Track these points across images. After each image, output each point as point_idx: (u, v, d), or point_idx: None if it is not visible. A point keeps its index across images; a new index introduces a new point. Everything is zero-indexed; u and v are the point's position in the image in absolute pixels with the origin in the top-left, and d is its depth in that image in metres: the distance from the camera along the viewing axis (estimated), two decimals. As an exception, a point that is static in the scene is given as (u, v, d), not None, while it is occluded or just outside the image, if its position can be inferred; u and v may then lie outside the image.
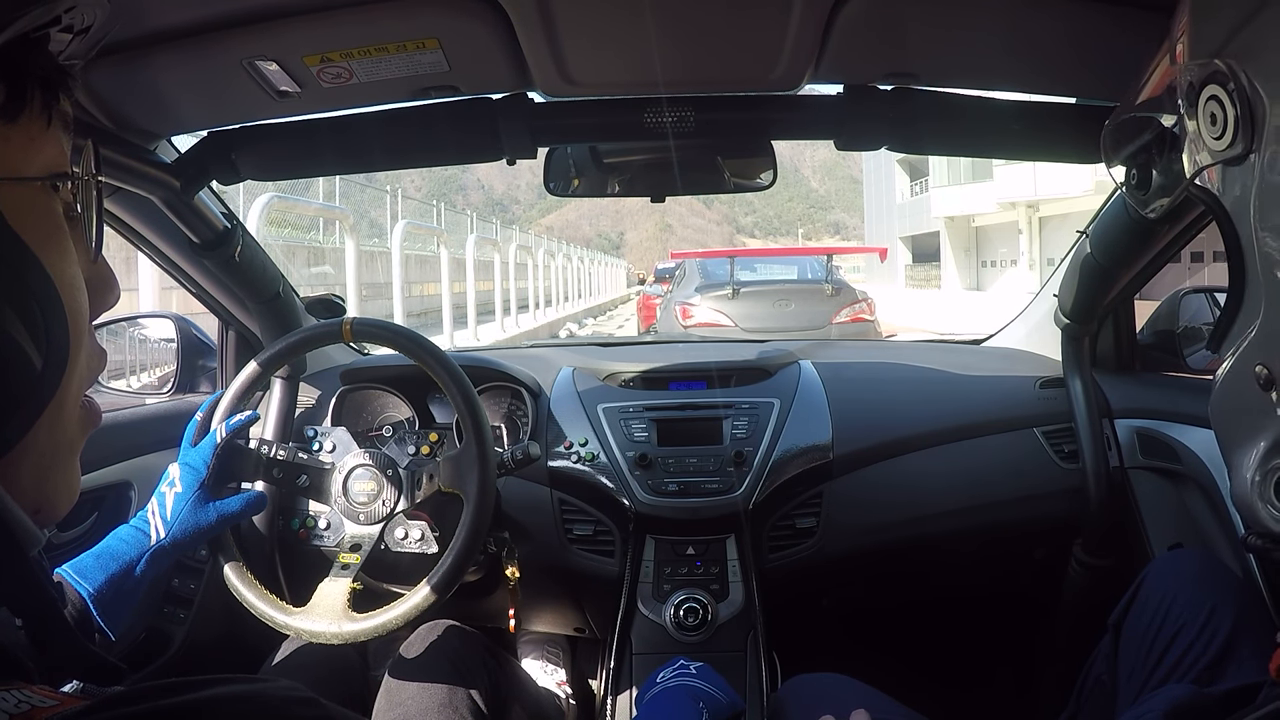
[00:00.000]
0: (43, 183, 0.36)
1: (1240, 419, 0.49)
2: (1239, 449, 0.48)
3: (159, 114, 0.95)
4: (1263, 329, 0.47)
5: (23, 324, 0.34)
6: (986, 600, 1.48)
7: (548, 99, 0.99)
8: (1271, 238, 0.45)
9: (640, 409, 1.29)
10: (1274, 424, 0.46)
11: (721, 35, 0.85)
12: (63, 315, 0.36)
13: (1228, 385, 0.50)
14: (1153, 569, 0.91)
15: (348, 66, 0.85)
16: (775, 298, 6.14)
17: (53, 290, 0.35)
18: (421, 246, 12.77)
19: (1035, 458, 1.31)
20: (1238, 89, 0.45)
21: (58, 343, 0.36)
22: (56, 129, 0.37)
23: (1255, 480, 0.46)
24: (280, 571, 1.22)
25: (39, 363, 0.35)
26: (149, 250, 1.17)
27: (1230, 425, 0.50)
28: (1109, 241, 1.13)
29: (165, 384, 1.36)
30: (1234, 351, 0.49)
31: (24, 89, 0.34)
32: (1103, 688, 0.91)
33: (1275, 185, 0.44)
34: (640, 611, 1.17)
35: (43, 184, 0.36)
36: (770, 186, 1.13)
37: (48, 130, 0.36)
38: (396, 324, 1.06)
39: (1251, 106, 0.44)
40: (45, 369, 0.35)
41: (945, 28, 0.85)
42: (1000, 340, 1.66)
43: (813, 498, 1.26)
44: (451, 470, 0.96)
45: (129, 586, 0.79)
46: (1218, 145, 0.47)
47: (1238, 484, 0.48)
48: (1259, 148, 0.44)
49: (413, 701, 0.92)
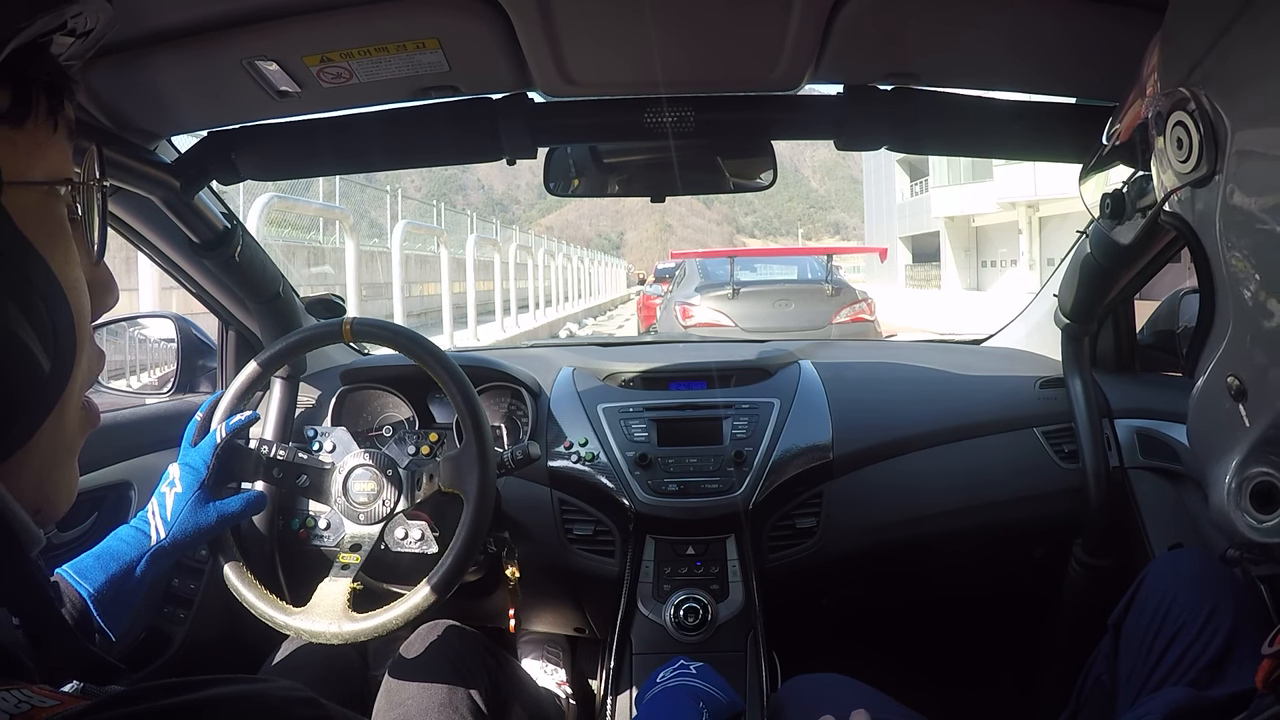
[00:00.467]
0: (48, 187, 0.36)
1: (1215, 433, 0.50)
2: (1216, 463, 0.49)
3: (159, 114, 0.95)
4: (1232, 341, 0.48)
5: (31, 327, 0.34)
6: (986, 600, 1.48)
7: (548, 99, 0.99)
8: (1237, 253, 0.47)
9: (640, 409, 1.29)
10: (1246, 433, 0.47)
11: (721, 35, 0.85)
12: (70, 318, 0.36)
13: (1202, 401, 0.51)
14: (1152, 569, 0.91)
15: (348, 66, 0.85)
16: (775, 298, 6.14)
17: (60, 293, 0.36)
18: (421, 246, 12.77)
19: (1035, 458, 1.31)
20: (1200, 112, 0.48)
21: (65, 345, 0.36)
22: (61, 134, 0.37)
23: (1231, 489, 0.47)
24: (280, 571, 1.22)
25: (46, 365, 0.35)
26: (149, 250, 1.17)
27: (1207, 441, 0.51)
28: (1109, 241, 1.13)
29: (165, 384, 1.36)
30: (1206, 369, 0.51)
31: (29, 94, 0.34)
32: (1102, 688, 0.91)
33: (1239, 203, 0.46)
34: (640, 611, 1.17)
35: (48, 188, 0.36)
36: (770, 186, 1.13)
37: (53, 135, 0.36)
38: (396, 324, 1.06)
39: (1214, 129, 0.47)
40: (52, 371, 0.35)
41: (945, 28, 0.85)
42: (1000, 340, 1.66)
43: (813, 498, 1.26)
44: (451, 470, 0.96)
45: (129, 587, 0.79)
46: (1184, 168, 0.50)
47: (1216, 498, 0.49)
48: (1222, 168, 0.47)
49: (413, 701, 0.92)
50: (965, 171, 22.30)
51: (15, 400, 0.34)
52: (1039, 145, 1.08)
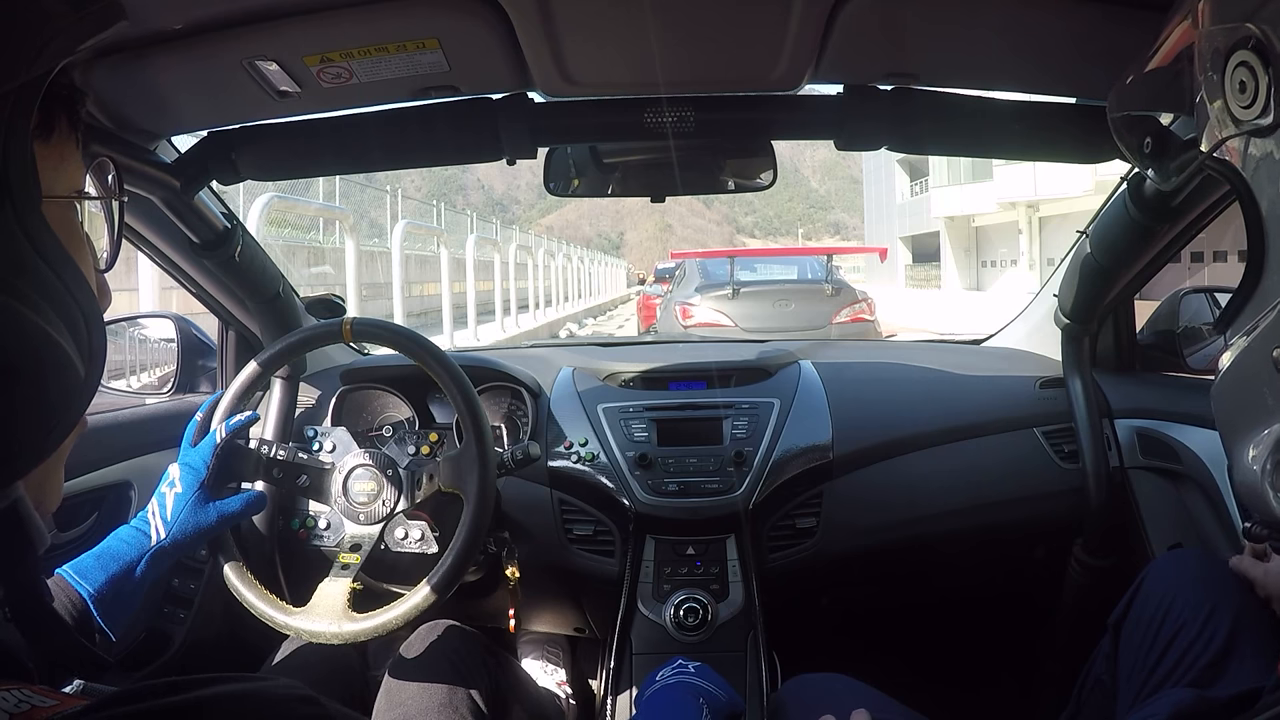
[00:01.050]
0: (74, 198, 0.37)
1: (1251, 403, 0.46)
2: (1245, 434, 0.46)
3: (159, 114, 0.95)
4: None
5: (70, 334, 0.35)
6: (986, 600, 1.48)
7: (548, 99, 0.99)
8: None
9: (640, 409, 1.29)
10: None
11: (721, 35, 0.85)
12: (101, 325, 0.37)
13: (1239, 368, 0.47)
14: (1153, 569, 0.91)
15: (348, 66, 0.85)
16: (775, 298, 6.14)
17: (93, 301, 0.36)
18: (421, 246, 12.77)
19: (1035, 458, 1.31)
20: (1273, 55, 0.43)
21: (97, 350, 0.37)
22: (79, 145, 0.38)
23: (1267, 468, 0.44)
24: (280, 571, 1.22)
25: (82, 370, 0.36)
26: (149, 250, 1.17)
27: (1238, 410, 0.48)
28: (1109, 241, 1.14)
29: (165, 384, 1.36)
30: (1248, 332, 0.46)
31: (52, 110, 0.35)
32: (1102, 688, 0.91)
33: None
34: (640, 611, 1.17)
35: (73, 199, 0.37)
36: (770, 186, 1.13)
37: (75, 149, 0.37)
38: (396, 324, 1.06)
39: None
40: (87, 376, 0.36)
41: (945, 28, 0.85)
42: (1000, 340, 1.66)
43: (813, 498, 1.26)
44: (451, 470, 0.96)
45: (129, 587, 0.79)
46: (1246, 115, 0.45)
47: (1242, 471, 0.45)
48: None
49: (413, 701, 0.92)
50: (965, 171, 22.29)
51: (58, 405, 0.35)
52: (1039, 145, 1.08)
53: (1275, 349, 0.44)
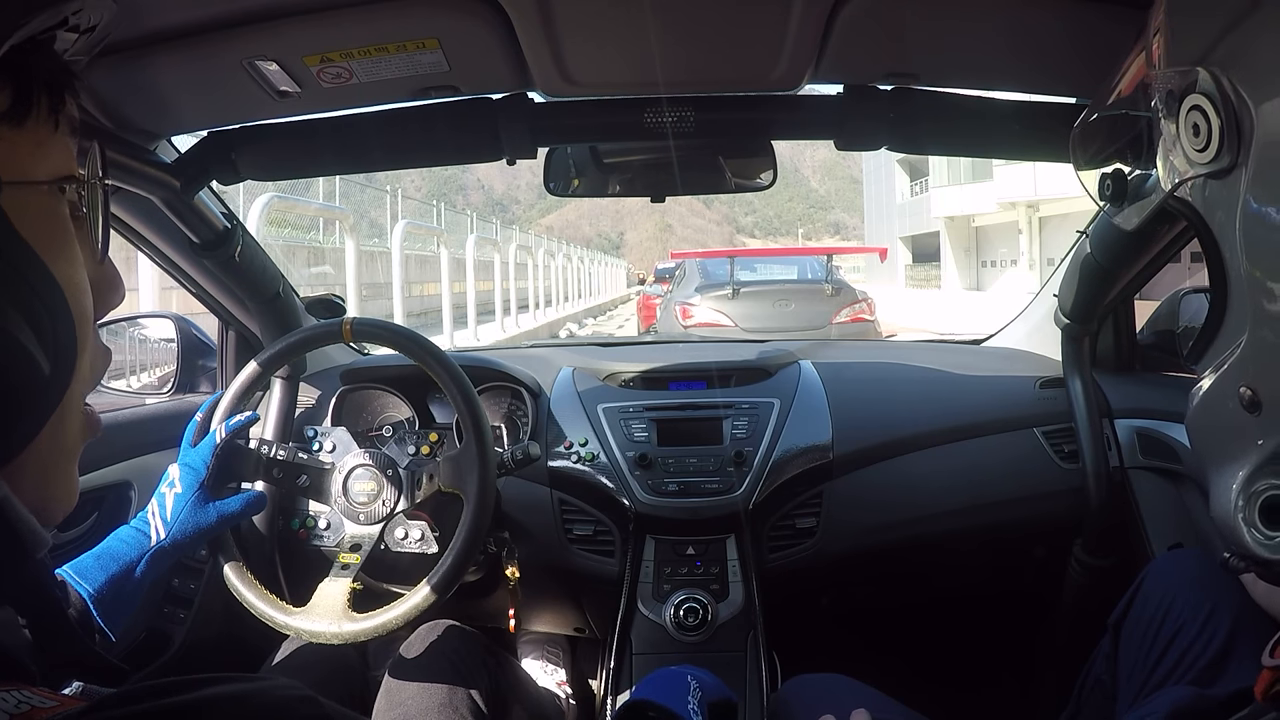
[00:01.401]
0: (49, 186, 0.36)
1: (1221, 438, 0.46)
2: (1219, 468, 0.46)
3: (159, 114, 0.95)
4: (1248, 348, 0.44)
5: (31, 329, 0.34)
6: (987, 600, 1.48)
7: (548, 99, 0.99)
8: (1260, 259, 0.42)
9: (640, 409, 1.29)
10: (1257, 448, 0.44)
11: (721, 35, 0.85)
12: (70, 320, 0.36)
13: (1208, 403, 0.48)
14: (1152, 569, 0.91)
15: (348, 66, 0.85)
16: (775, 298, 6.14)
17: (60, 295, 0.35)
18: (421, 246, 12.77)
19: (1035, 458, 1.31)
20: (1223, 99, 0.42)
21: (65, 347, 0.36)
22: (63, 132, 0.37)
23: (1239, 504, 0.44)
24: (280, 571, 1.22)
25: (47, 368, 0.35)
26: (149, 250, 1.17)
27: (1210, 443, 0.48)
28: (1109, 241, 1.13)
29: (165, 384, 1.36)
30: (1216, 369, 0.47)
31: (30, 92, 0.34)
32: (1102, 688, 0.91)
33: (1264, 202, 0.41)
34: (640, 611, 1.17)
35: (49, 187, 0.36)
36: (770, 186, 1.13)
37: (55, 134, 0.36)
38: (396, 324, 1.06)
39: (1238, 117, 0.42)
40: (53, 373, 0.35)
41: (945, 27, 0.85)
42: (1000, 340, 1.66)
43: (813, 498, 1.26)
44: (451, 470, 0.96)
45: (129, 587, 0.79)
46: (1201, 158, 0.44)
47: (1219, 504, 0.46)
48: (1245, 161, 0.42)
49: (413, 701, 0.92)
50: (965, 171, 22.29)
51: (17, 402, 0.34)
52: (1039, 145, 1.07)
53: (1241, 385, 0.44)
